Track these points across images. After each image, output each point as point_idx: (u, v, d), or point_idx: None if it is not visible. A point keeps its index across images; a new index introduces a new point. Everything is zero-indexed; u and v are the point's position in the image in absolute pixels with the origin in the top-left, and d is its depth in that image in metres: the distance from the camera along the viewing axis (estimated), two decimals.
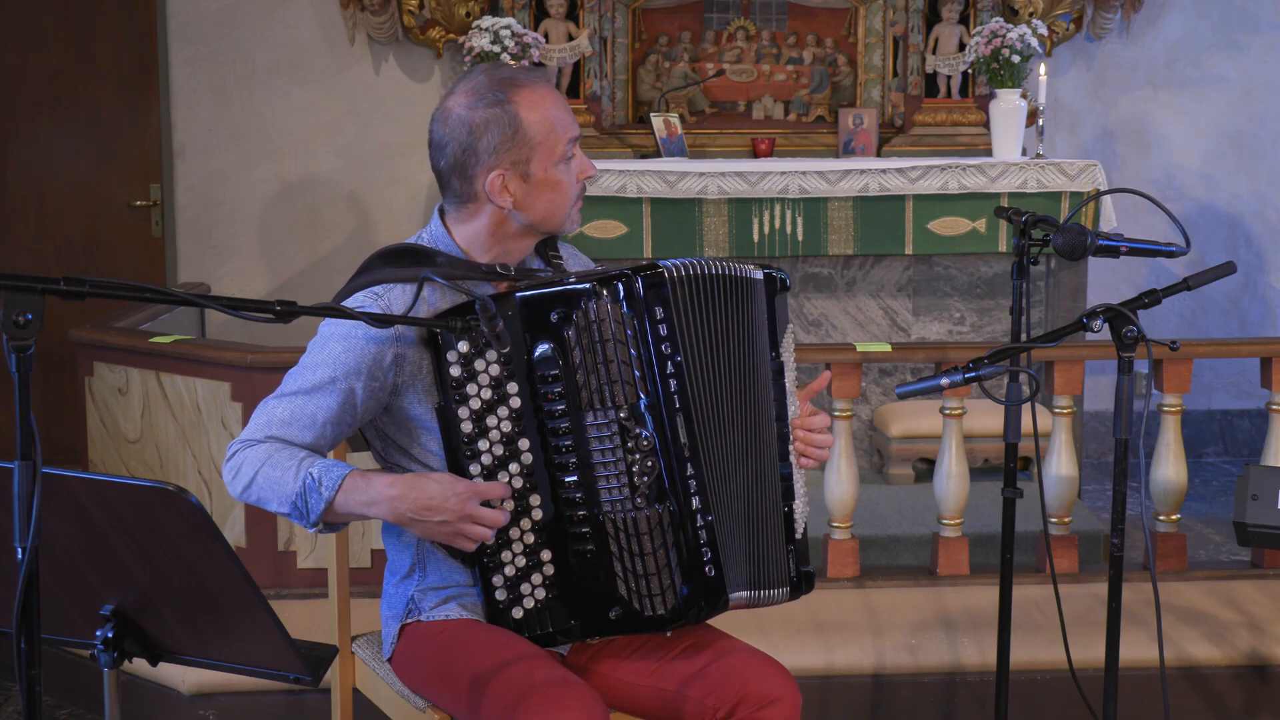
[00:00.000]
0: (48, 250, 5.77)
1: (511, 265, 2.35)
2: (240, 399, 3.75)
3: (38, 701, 1.68)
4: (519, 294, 2.23)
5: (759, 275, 2.35)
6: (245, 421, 3.71)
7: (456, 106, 2.31)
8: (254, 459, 2.23)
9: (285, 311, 1.89)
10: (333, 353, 2.26)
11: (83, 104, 5.73)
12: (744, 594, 2.30)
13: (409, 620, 2.37)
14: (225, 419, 3.79)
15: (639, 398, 2.21)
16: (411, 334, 2.26)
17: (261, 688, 3.30)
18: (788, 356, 2.40)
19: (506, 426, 2.23)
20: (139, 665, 1.95)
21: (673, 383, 2.22)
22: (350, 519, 2.26)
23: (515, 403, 2.23)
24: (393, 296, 2.28)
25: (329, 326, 2.29)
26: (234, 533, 3.80)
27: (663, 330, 2.22)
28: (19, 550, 1.64)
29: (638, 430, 2.21)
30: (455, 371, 2.22)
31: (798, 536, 2.39)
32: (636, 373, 2.21)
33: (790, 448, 2.39)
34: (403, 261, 2.31)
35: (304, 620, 3.33)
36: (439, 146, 2.33)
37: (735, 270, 2.32)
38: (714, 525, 2.24)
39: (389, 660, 2.43)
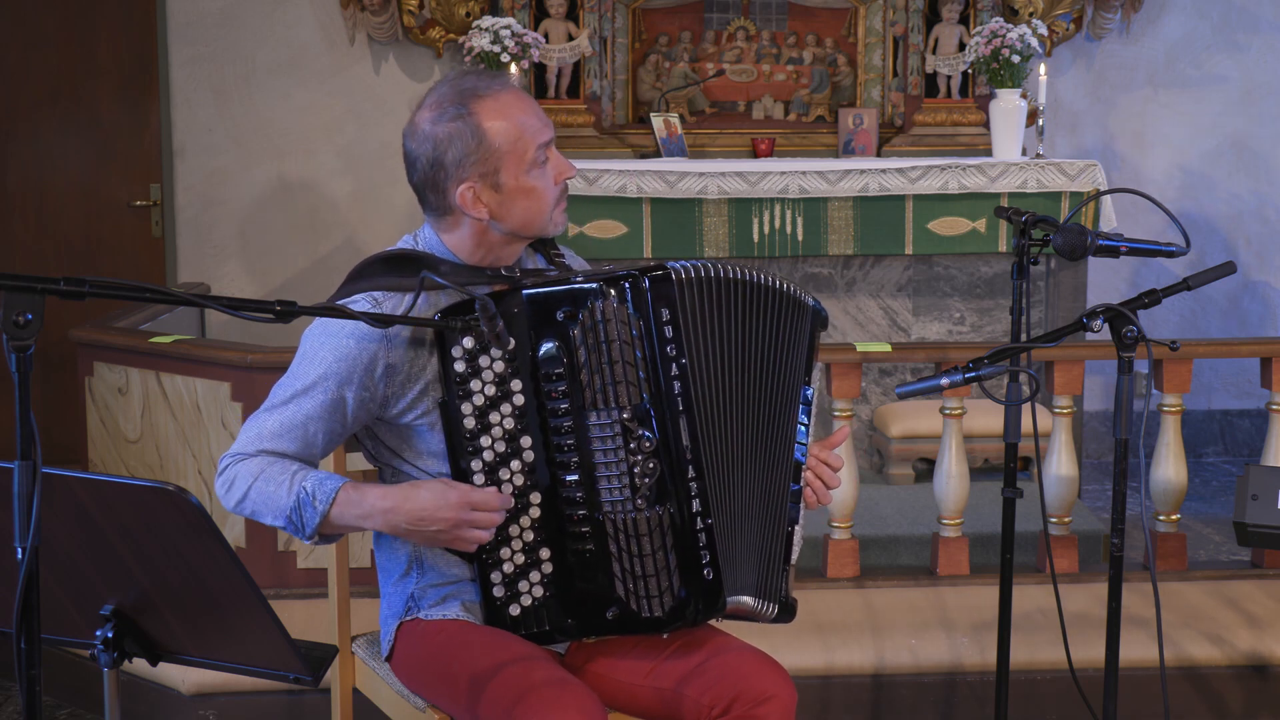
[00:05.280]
0: (48, 250, 5.77)
1: (512, 267, 2.34)
2: (240, 399, 3.75)
3: (38, 701, 1.68)
4: (526, 291, 2.22)
5: (810, 302, 2.37)
6: (245, 420, 3.72)
7: (423, 121, 2.31)
8: (246, 473, 2.22)
9: (285, 311, 1.89)
10: (323, 361, 2.23)
11: (83, 104, 5.73)
12: (743, 599, 2.30)
13: (408, 618, 2.36)
14: (225, 419, 3.79)
15: (642, 399, 2.20)
16: (402, 343, 2.24)
17: (261, 688, 3.30)
18: (815, 389, 2.40)
19: (509, 424, 2.23)
20: (139, 665, 1.95)
21: (676, 385, 2.21)
22: (347, 530, 2.25)
23: (519, 400, 2.22)
24: (390, 305, 2.26)
25: (317, 337, 2.26)
26: (234, 533, 3.80)
27: (668, 332, 2.21)
28: (19, 550, 1.64)
29: (640, 431, 2.20)
30: (460, 367, 2.21)
31: (791, 562, 2.38)
32: (641, 374, 2.20)
33: (804, 474, 2.39)
34: (403, 268, 2.28)
35: (304, 620, 3.33)
36: (410, 162, 2.33)
37: (761, 279, 2.31)
38: (714, 528, 2.23)
39: (387, 659, 2.42)
